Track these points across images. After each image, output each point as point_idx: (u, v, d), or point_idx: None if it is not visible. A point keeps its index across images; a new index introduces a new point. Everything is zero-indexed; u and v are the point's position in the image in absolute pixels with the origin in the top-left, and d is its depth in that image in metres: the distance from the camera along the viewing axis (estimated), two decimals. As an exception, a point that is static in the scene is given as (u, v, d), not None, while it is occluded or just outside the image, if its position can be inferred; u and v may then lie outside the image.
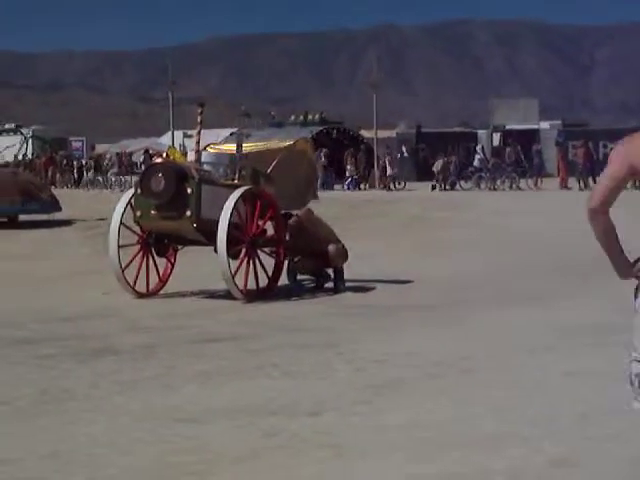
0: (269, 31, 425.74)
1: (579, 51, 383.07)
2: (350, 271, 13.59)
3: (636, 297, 4.22)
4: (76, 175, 49.54)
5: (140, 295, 12.89)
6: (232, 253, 12.53)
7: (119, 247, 12.82)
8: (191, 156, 13.77)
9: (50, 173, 48.75)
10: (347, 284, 13.35)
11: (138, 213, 12.82)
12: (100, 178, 46.11)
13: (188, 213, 12.47)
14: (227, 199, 12.44)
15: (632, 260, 4.27)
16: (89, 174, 48.23)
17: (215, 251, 12.43)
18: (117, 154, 52.72)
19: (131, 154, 55.63)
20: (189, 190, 12.50)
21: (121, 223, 12.91)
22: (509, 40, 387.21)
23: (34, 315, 11.49)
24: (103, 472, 5.50)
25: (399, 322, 10.58)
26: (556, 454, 5.55)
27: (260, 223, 12.93)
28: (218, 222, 12.25)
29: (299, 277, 13.83)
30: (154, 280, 13.24)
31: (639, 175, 4.36)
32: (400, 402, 6.96)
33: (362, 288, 13.36)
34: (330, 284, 13.48)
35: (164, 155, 14.40)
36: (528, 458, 5.53)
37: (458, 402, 6.88)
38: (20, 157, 52.42)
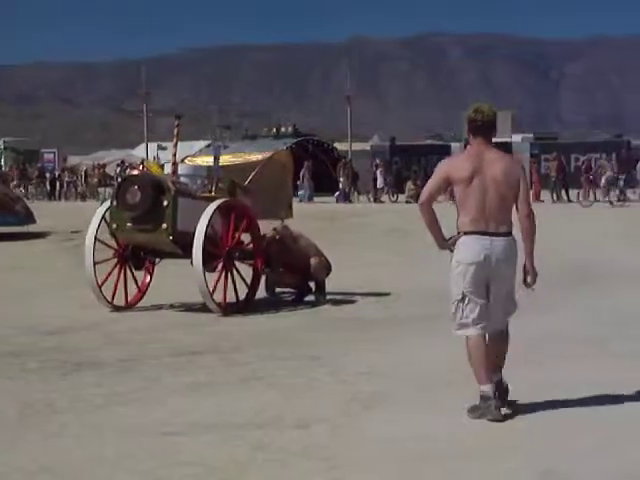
0: (242, 43, 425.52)
1: (549, 65, 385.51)
2: (331, 283, 13.58)
3: (451, 261, 7.03)
4: (48, 187, 49.37)
5: (117, 309, 12.81)
6: (209, 266, 12.49)
7: (94, 261, 12.72)
8: (168, 168, 13.69)
9: (23, 185, 48.67)
10: (328, 296, 13.34)
11: (114, 226, 12.71)
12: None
13: (164, 226, 12.37)
14: (204, 211, 12.40)
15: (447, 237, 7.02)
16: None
17: (192, 264, 12.36)
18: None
19: (104, 166, 55.39)
20: (165, 202, 12.40)
21: (96, 236, 12.81)
22: (481, 54, 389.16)
23: (14, 328, 11.41)
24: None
25: (381, 334, 10.57)
26: (548, 466, 5.56)
27: (237, 235, 12.87)
28: (195, 234, 12.20)
29: (277, 290, 13.80)
30: (131, 293, 13.16)
31: (452, 183, 6.93)
32: (387, 414, 6.95)
33: (343, 301, 13.35)
34: (310, 297, 13.46)
35: (140, 167, 14.27)
36: (520, 470, 5.55)
37: (446, 414, 6.89)
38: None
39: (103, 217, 12.88)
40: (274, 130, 58.84)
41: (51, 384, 8.24)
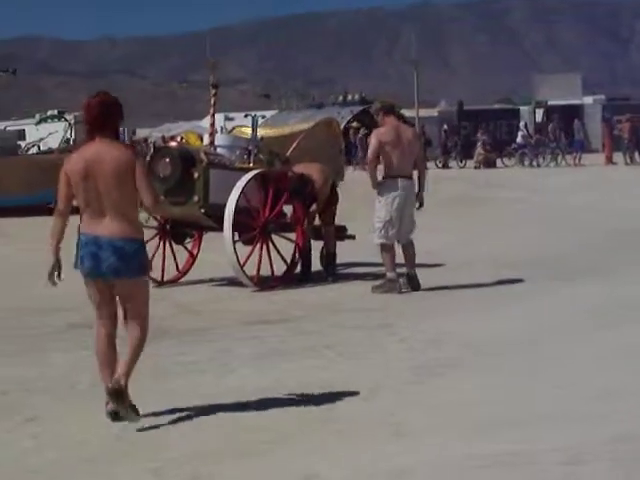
0: (307, 11, 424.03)
1: (619, 24, 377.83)
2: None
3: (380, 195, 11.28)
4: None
5: (160, 283, 12.51)
6: (244, 239, 12.29)
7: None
8: (206, 139, 13.40)
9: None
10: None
11: None
12: None
13: (195, 198, 12.11)
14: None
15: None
16: None
17: None
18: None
19: (172, 138, 55.80)
20: (196, 175, 12.13)
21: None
22: (546, 15, 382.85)
23: (83, 300, 11.55)
24: (175, 453, 5.59)
25: (451, 302, 10.54)
26: (618, 430, 5.51)
27: (276, 207, 12.37)
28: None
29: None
30: (174, 267, 12.93)
31: (384, 145, 11.10)
32: (456, 381, 6.96)
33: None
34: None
35: (179, 139, 13.86)
36: (588, 435, 5.50)
37: (515, 380, 6.88)
38: (64, 143, 52.83)
39: None
40: (340, 98, 58.72)
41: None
